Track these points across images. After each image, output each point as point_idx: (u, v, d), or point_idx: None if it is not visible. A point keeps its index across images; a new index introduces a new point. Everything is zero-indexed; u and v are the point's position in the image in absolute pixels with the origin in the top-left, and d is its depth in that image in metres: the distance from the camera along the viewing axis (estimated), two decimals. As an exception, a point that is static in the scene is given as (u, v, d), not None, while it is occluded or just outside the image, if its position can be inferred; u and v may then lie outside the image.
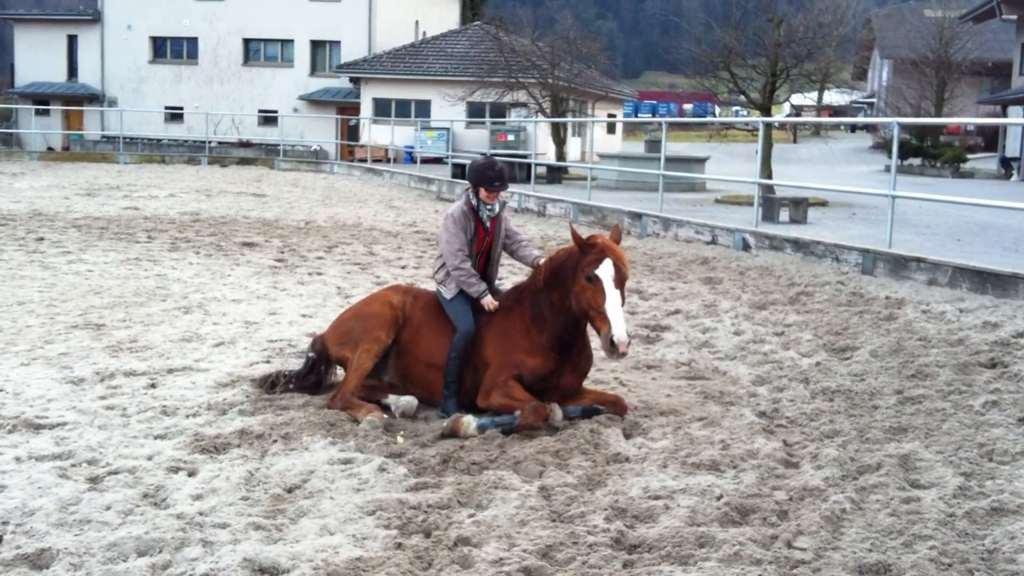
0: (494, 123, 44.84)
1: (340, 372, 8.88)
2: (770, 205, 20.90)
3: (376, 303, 8.69)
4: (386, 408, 8.22)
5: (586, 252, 7.86)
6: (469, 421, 7.72)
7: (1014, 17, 47.90)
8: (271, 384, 8.75)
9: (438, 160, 44.91)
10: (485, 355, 8.22)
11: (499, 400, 7.99)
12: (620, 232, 8.31)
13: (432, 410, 8.24)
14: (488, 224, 8.56)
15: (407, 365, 8.50)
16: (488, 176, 8.46)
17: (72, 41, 63.91)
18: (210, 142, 52.57)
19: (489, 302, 8.36)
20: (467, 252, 8.42)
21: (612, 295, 7.66)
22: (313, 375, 8.80)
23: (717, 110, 73.50)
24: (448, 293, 8.47)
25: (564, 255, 8.21)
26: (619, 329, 7.50)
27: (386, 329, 8.42)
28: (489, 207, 8.52)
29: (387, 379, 8.55)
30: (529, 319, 8.20)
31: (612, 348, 7.49)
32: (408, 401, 8.24)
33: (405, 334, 8.49)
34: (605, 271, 7.72)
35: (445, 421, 7.82)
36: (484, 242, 8.58)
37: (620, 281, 7.74)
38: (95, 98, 62.91)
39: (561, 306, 8.07)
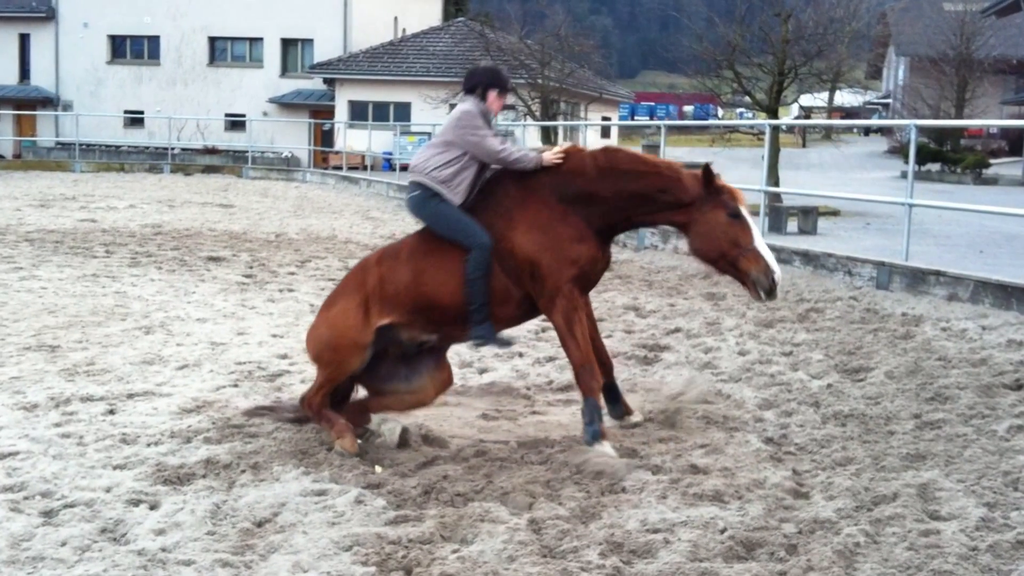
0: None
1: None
2: (777, 215, 20.96)
3: (351, 309, 8.20)
4: (365, 433, 8.22)
5: (714, 188, 7.88)
6: (605, 451, 7.69)
7: (1040, 11, 48.16)
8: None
9: (419, 167, 44.85)
10: (527, 253, 7.96)
11: (563, 324, 7.96)
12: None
13: (414, 436, 8.22)
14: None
15: (414, 310, 8.15)
16: (502, 77, 8.37)
17: (24, 40, 63.85)
18: (173, 149, 52.54)
19: (549, 157, 8.14)
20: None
21: (756, 230, 7.85)
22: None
23: (720, 112, 73.59)
24: (456, 196, 8.10)
25: (637, 163, 8.17)
26: (776, 266, 7.78)
27: (357, 354, 8.12)
28: (493, 118, 8.39)
29: (396, 319, 8.18)
30: (557, 205, 8.06)
31: (772, 287, 7.72)
32: (391, 429, 8.19)
33: (401, 285, 8.11)
34: (743, 208, 7.89)
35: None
36: None
37: None
38: (49, 102, 62.84)
39: (611, 203, 8.05)
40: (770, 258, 7.78)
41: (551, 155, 8.15)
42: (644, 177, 8.08)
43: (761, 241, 7.85)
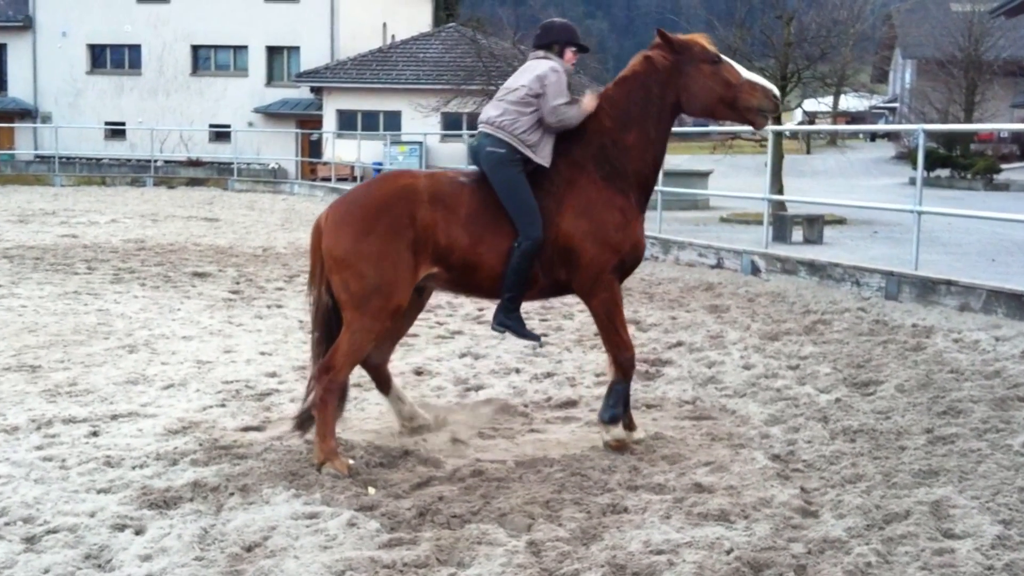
0: (472, 136, 44.82)
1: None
2: (781, 224, 20.99)
3: (402, 252, 7.83)
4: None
5: (680, 48, 8.22)
6: (618, 434, 8.25)
7: (1051, 11, 48.20)
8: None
9: (411, 178, 44.82)
10: (571, 240, 8.04)
11: (603, 314, 8.19)
12: None
13: (408, 456, 8.21)
14: None
15: (457, 270, 8.05)
16: (579, 36, 8.59)
17: (0, 51, 63.92)
18: (156, 161, 52.54)
19: (589, 102, 8.28)
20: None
21: (736, 64, 8.25)
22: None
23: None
24: (545, 160, 8.15)
25: (622, 88, 8.37)
26: (771, 84, 8.21)
27: (404, 307, 7.99)
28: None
29: (434, 271, 8.06)
30: (602, 183, 8.15)
31: (776, 105, 8.19)
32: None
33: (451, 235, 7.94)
34: (715, 48, 8.28)
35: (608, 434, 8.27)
36: None
37: None
38: (27, 114, 62.94)
39: (640, 145, 8.21)
40: (763, 81, 8.21)
41: (590, 101, 8.29)
42: (632, 88, 8.32)
43: (745, 71, 8.25)
